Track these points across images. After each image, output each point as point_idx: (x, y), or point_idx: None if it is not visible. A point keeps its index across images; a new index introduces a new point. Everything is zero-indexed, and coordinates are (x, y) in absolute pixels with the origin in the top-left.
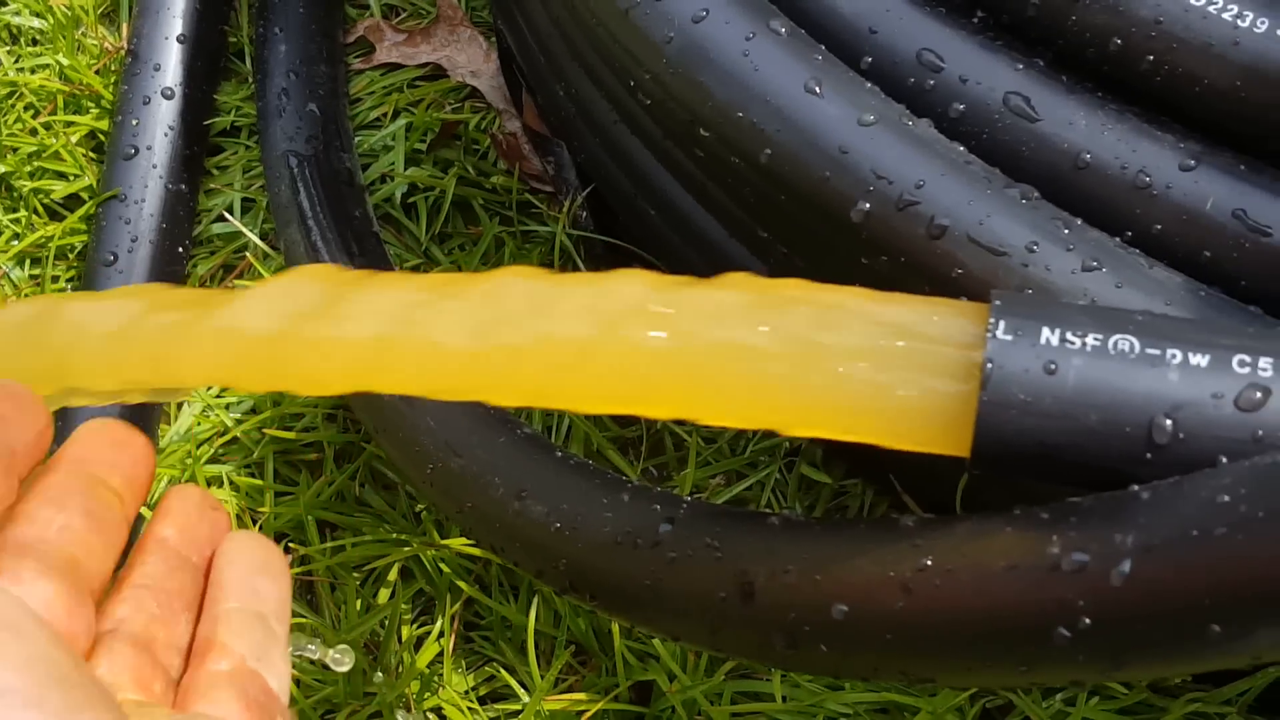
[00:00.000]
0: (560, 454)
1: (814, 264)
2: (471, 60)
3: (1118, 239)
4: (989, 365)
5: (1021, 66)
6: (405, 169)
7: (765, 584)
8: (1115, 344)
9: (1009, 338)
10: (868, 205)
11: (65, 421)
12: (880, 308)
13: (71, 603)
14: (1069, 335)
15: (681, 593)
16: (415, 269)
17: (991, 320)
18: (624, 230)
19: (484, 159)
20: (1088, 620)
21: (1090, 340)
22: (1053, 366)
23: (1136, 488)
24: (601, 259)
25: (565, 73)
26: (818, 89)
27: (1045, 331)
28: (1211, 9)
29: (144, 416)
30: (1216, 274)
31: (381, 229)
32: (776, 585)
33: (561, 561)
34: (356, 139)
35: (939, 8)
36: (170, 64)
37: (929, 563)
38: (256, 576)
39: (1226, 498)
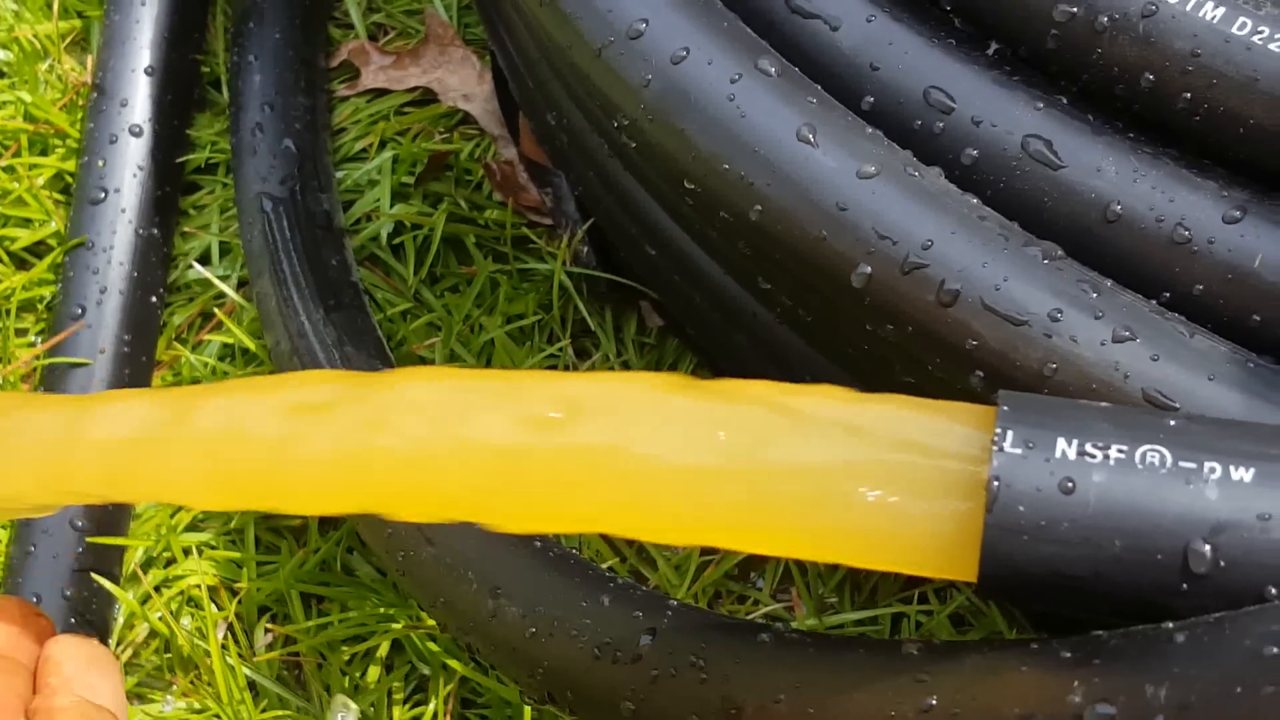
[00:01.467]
0: (540, 543)
1: (821, 319)
2: (464, 82)
3: (1153, 302)
4: (995, 483)
5: (1042, 105)
6: (391, 206)
7: (754, 714)
8: (1143, 456)
9: (1019, 450)
10: (870, 268)
11: None
12: (866, 414)
13: None
14: (1089, 447)
15: (664, 716)
16: (404, 314)
17: (998, 430)
18: (627, 266)
19: (477, 191)
20: None
21: (1114, 452)
22: (1070, 484)
23: (1171, 626)
24: (606, 297)
25: (556, 101)
26: (812, 137)
27: (1061, 443)
28: (1257, 39)
29: None
30: (1268, 340)
31: (367, 271)
32: (767, 717)
33: (539, 670)
34: (340, 173)
35: (948, 40)
36: (138, 98)
37: (934, 702)
38: (87, 672)
39: (1275, 649)
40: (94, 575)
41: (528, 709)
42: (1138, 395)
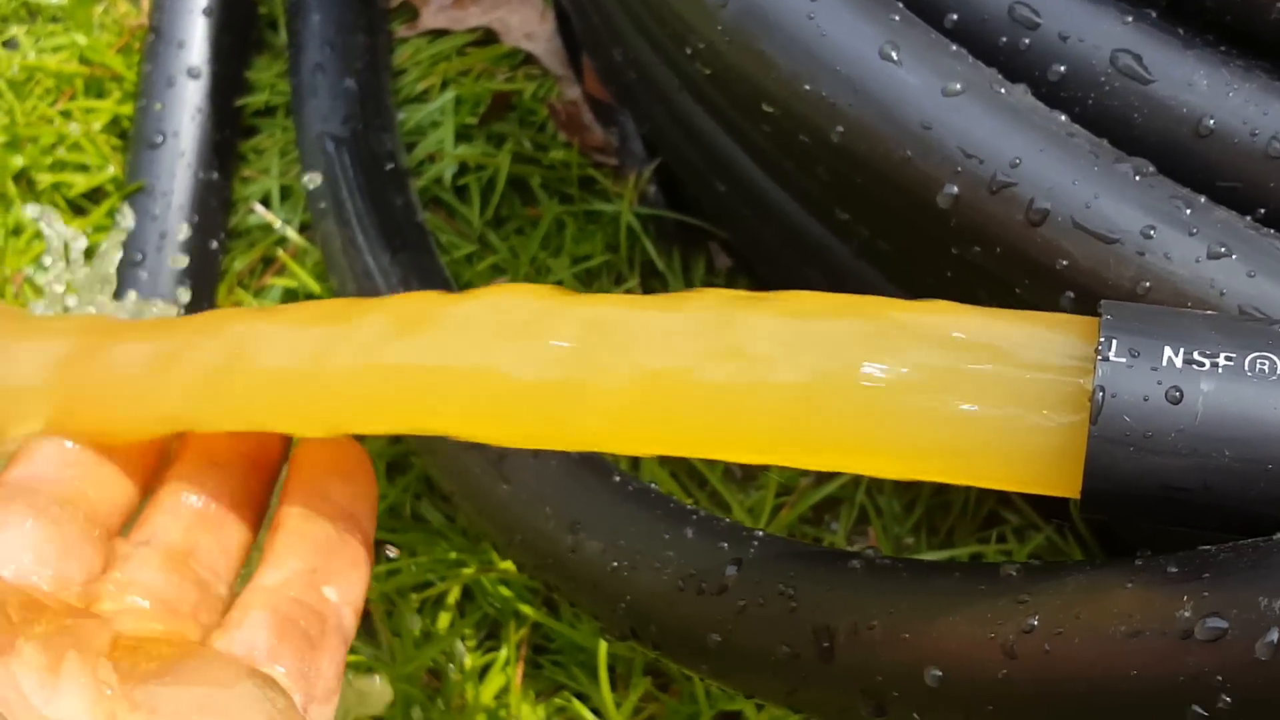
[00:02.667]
0: (619, 478)
1: (900, 249)
2: (526, 21)
3: (1248, 218)
4: (1100, 393)
5: (1131, 19)
6: (455, 147)
7: (846, 641)
8: (1253, 363)
9: (1123, 360)
10: (956, 188)
11: None
12: (963, 324)
13: (66, 543)
14: (1196, 355)
15: (753, 647)
16: (469, 257)
17: (1102, 339)
18: (696, 206)
19: (541, 131)
20: (1228, 699)
21: (1222, 360)
22: (1177, 393)
23: None
24: (674, 238)
25: (622, 35)
26: (895, 55)
27: (1167, 351)
28: None
29: None
30: None
31: (431, 214)
32: (860, 642)
33: (620, 605)
34: (401, 115)
35: None
36: (195, 40)
37: (1035, 623)
38: (327, 479)
39: None
40: None
41: (602, 652)
42: (1234, 313)
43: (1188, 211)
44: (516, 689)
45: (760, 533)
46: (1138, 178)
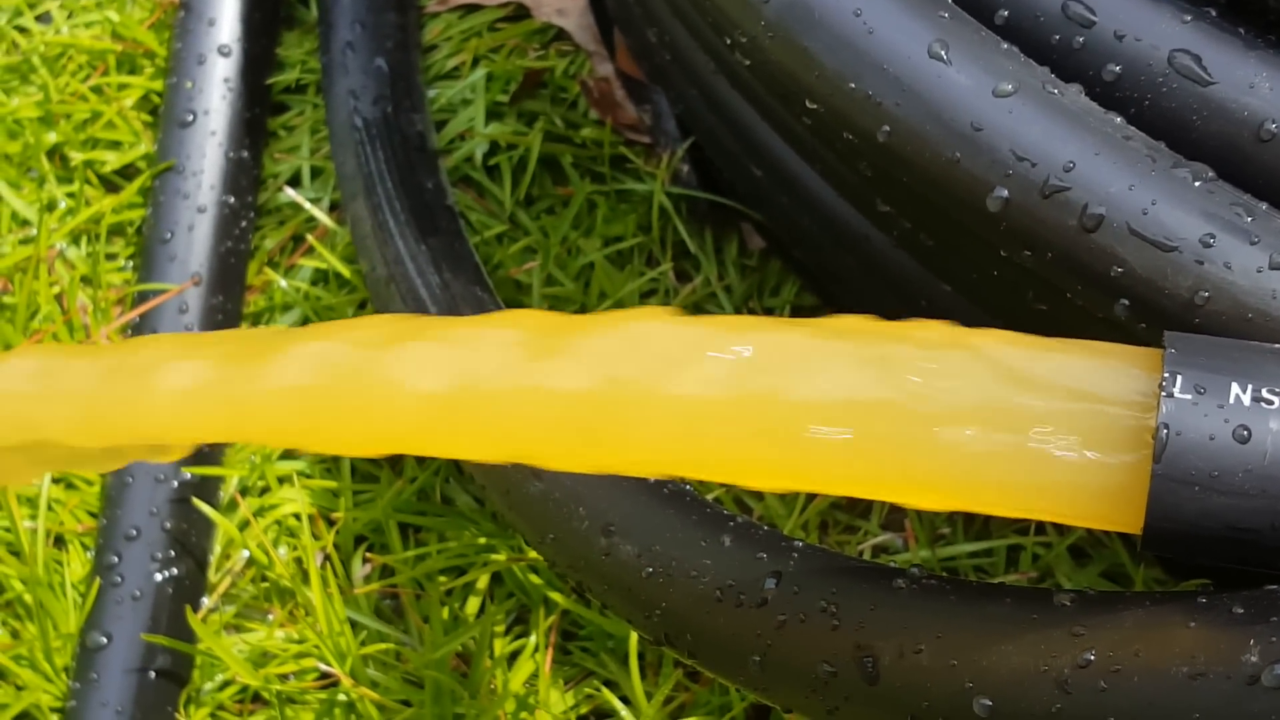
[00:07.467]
0: (653, 480)
1: (944, 246)
2: None
3: None
4: (1164, 432)
5: (1189, 18)
6: (486, 125)
7: (892, 664)
8: None
9: (1188, 396)
10: (1007, 192)
11: None
12: (1023, 356)
13: None
14: (1265, 392)
15: (793, 663)
16: (500, 237)
17: (1166, 374)
18: (729, 187)
19: (573, 109)
20: None
21: None
22: (1245, 432)
23: None
24: (706, 218)
25: (657, 16)
26: (944, 53)
27: (1235, 388)
28: None
29: None
30: None
31: (461, 193)
32: (906, 667)
33: (655, 612)
34: (432, 92)
35: None
36: (225, 17)
37: (1092, 658)
38: None
39: None
40: (195, 501)
41: (633, 640)
42: None
43: (1249, 219)
44: (545, 676)
45: (799, 543)
46: (1197, 183)
